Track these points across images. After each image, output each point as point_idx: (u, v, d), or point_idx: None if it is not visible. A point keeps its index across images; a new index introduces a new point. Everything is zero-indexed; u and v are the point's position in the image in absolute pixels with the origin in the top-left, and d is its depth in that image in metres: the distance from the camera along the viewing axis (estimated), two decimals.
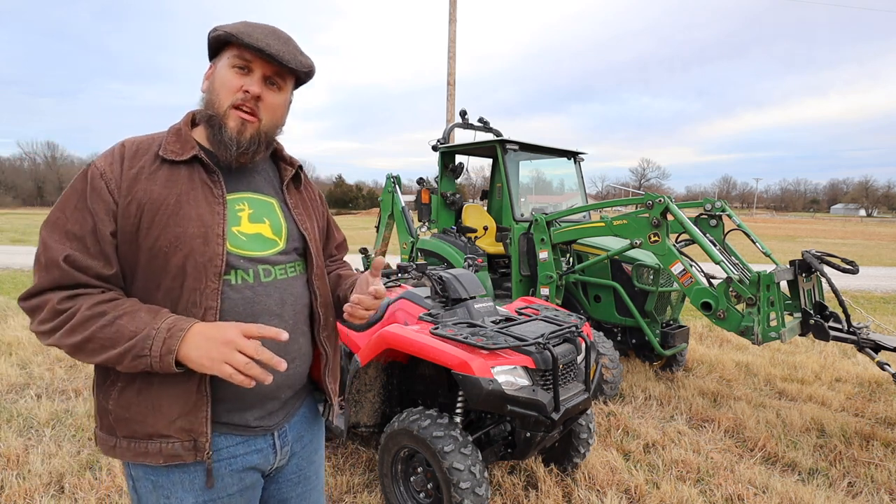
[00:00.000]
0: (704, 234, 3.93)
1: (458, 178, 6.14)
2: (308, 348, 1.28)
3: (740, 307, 3.56)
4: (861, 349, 3.45)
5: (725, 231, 4.02)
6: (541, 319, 2.69)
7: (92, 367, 1.03)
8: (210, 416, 1.11)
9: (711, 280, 3.98)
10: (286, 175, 1.30)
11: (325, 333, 1.30)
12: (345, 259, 1.57)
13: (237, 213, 1.17)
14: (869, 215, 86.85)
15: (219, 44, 1.15)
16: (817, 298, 3.73)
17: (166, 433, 1.09)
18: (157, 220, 1.07)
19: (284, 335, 1.01)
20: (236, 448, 1.18)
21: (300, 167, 1.34)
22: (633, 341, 4.67)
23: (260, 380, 0.99)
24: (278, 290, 1.19)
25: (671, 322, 4.67)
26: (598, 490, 2.84)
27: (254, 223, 1.19)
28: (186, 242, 1.07)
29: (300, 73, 1.18)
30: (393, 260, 8.02)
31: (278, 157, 1.31)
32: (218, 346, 0.98)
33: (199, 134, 1.19)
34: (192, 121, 1.21)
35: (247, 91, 1.12)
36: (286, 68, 1.14)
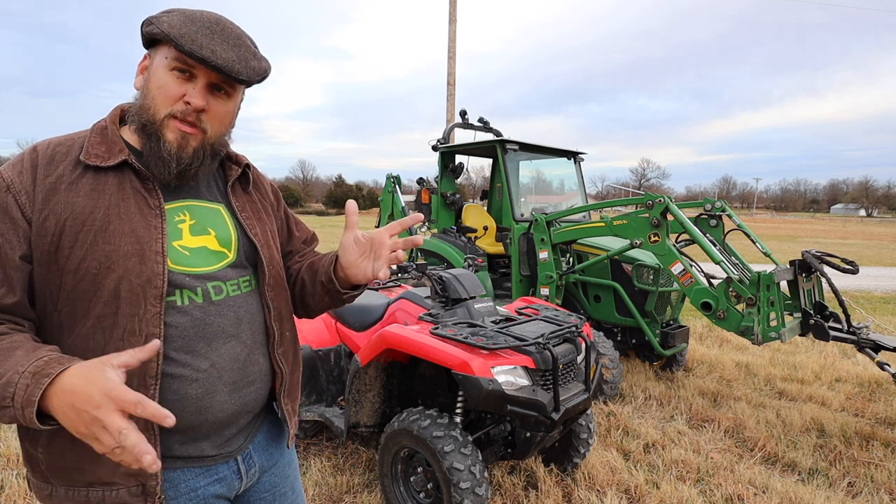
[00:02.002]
0: (704, 234, 3.93)
1: (458, 178, 6.14)
2: (268, 368, 1.15)
3: (740, 307, 3.56)
4: (861, 349, 3.45)
5: (725, 231, 4.02)
6: (541, 319, 2.69)
7: None
8: (160, 453, 0.97)
9: (711, 280, 3.98)
10: (231, 175, 1.15)
11: (280, 350, 1.16)
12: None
13: (177, 226, 1.02)
14: (869, 215, 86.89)
15: (155, 37, 0.98)
16: (817, 298, 3.73)
17: (110, 480, 0.96)
18: (81, 238, 0.92)
19: (171, 420, 0.74)
20: (196, 480, 1.06)
21: (247, 165, 1.19)
22: (633, 341, 4.67)
23: (132, 467, 0.78)
24: (232, 309, 1.06)
25: (671, 322, 4.67)
26: (598, 490, 2.84)
27: (197, 235, 1.05)
28: (119, 262, 0.93)
29: (252, 82, 1.03)
30: None
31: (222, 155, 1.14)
32: (84, 415, 0.75)
33: (130, 134, 1.03)
34: (122, 118, 1.05)
35: (188, 103, 0.97)
36: (235, 79, 0.99)
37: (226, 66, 0.96)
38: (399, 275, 3.35)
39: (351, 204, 1.10)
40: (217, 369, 1.04)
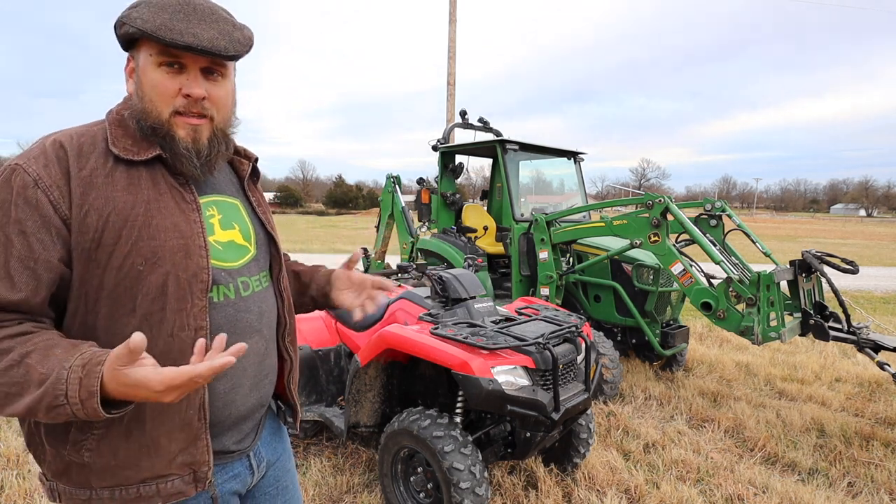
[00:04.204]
0: (704, 234, 3.93)
1: (458, 178, 6.14)
2: (275, 360, 1.18)
3: (740, 307, 3.56)
4: (861, 349, 3.45)
5: (725, 231, 4.02)
6: (541, 319, 2.69)
7: None
8: (210, 440, 0.99)
9: (711, 280, 3.98)
10: (244, 171, 1.16)
11: (289, 338, 1.20)
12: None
13: (209, 220, 1.03)
14: (869, 215, 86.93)
15: (133, 37, 0.95)
16: (817, 298, 3.72)
17: (165, 472, 0.96)
18: (125, 234, 0.90)
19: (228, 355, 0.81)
20: (214, 477, 1.07)
21: (256, 160, 1.19)
22: (633, 341, 4.67)
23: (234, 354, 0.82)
24: (256, 304, 1.09)
25: (671, 322, 4.67)
26: (598, 490, 2.84)
27: (226, 230, 1.06)
28: (166, 258, 0.93)
29: (241, 54, 0.99)
30: (393, 260, 8.01)
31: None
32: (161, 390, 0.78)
33: None
34: None
35: (188, 95, 0.95)
36: (225, 56, 0.95)
37: (212, 47, 0.92)
38: (399, 275, 3.35)
39: (356, 253, 1.37)
40: (242, 364, 1.05)
